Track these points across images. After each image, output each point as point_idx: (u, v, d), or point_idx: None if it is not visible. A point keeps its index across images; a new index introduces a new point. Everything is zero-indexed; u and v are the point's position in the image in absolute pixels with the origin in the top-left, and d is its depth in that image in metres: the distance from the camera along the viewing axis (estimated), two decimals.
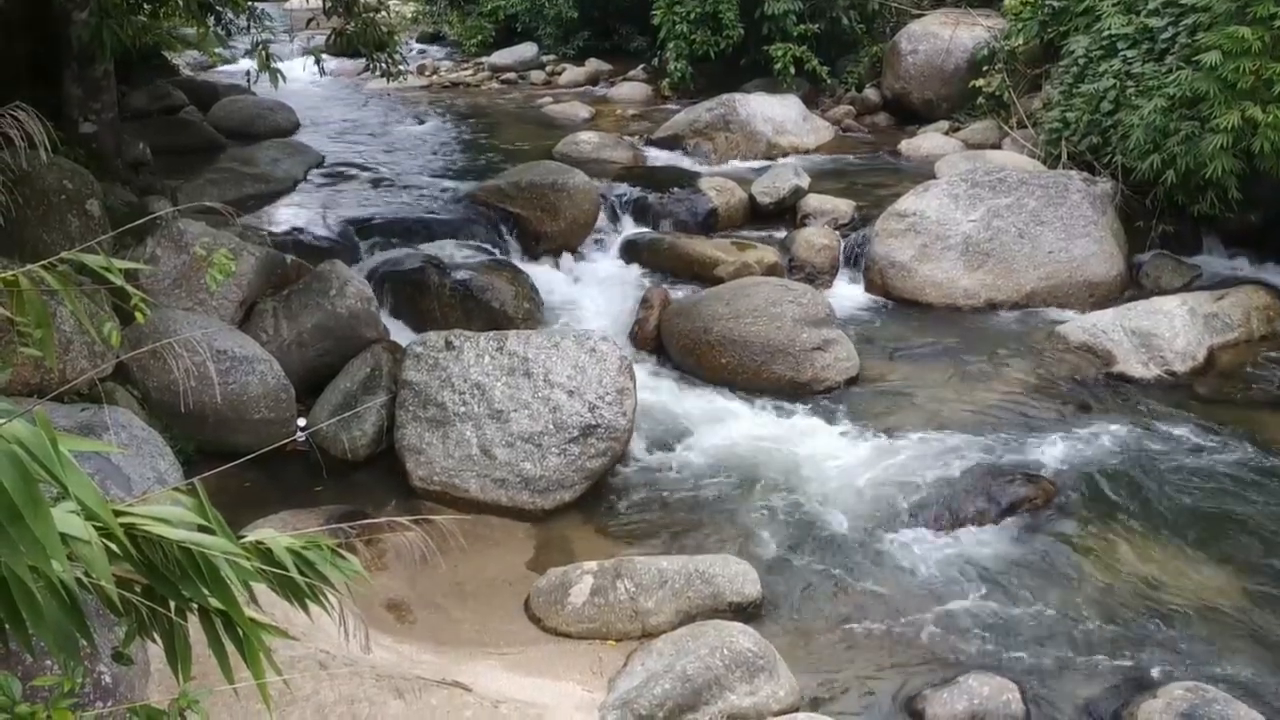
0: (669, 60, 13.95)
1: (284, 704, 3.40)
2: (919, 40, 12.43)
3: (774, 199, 9.22)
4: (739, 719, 3.82)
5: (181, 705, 1.91)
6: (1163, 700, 3.85)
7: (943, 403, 6.38)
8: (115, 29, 6.27)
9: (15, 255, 4.69)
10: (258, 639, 1.70)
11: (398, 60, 8.20)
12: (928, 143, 11.26)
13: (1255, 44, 7.00)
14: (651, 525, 5.28)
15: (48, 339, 1.83)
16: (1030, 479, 5.45)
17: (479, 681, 3.92)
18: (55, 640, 1.51)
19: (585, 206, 8.43)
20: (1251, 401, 6.48)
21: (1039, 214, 8.07)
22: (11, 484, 1.34)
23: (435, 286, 7.10)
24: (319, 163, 10.42)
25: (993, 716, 3.90)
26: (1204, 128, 7.45)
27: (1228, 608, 4.57)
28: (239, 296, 6.15)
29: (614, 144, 11.15)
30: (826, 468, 5.67)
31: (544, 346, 5.68)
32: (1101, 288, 7.96)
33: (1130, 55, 8.74)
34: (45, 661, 2.62)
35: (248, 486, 5.30)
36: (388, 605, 4.57)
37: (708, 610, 4.44)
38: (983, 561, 4.90)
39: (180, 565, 1.59)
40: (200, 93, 12.18)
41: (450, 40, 20.32)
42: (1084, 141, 9.04)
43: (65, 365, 4.95)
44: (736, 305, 6.76)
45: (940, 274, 7.95)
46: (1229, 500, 5.34)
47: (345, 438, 5.71)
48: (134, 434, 4.68)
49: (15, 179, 4.92)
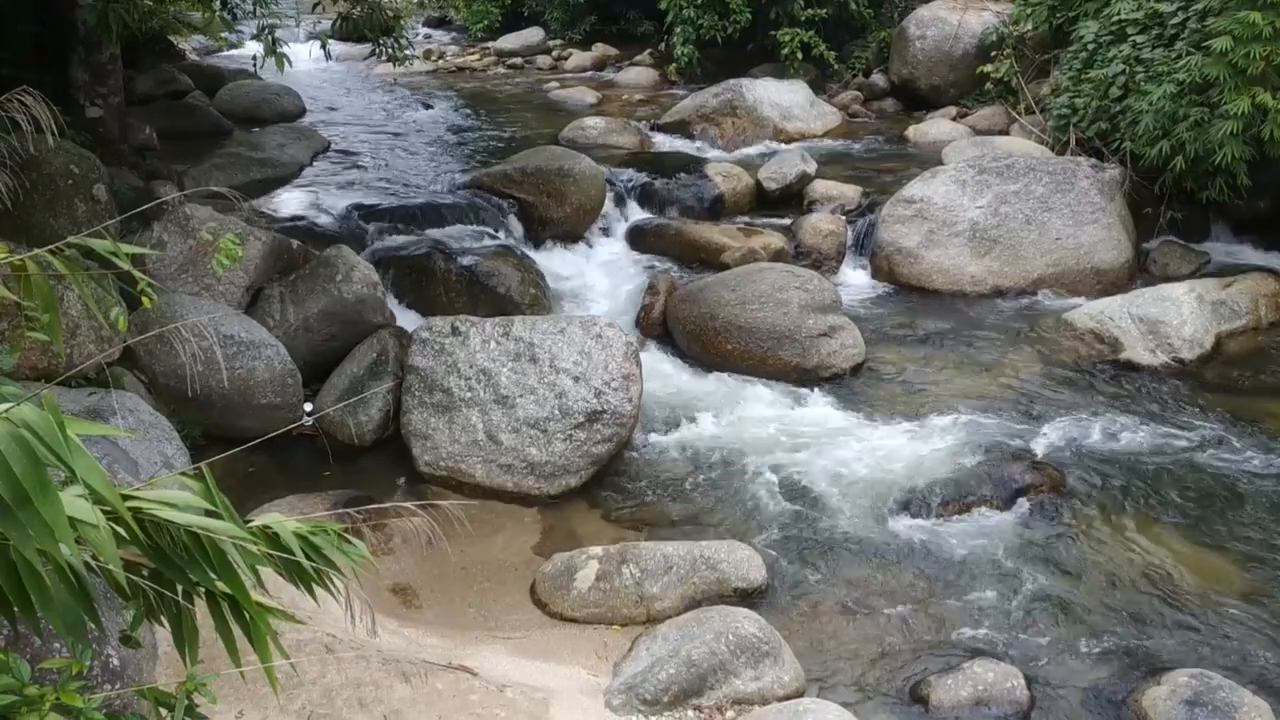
0: (676, 45, 13.90)
1: (291, 687, 3.42)
2: (927, 25, 12.37)
3: (781, 185, 9.20)
4: (744, 704, 3.83)
5: (189, 688, 1.93)
6: (1167, 687, 3.86)
7: (949, 389, 6.38)
8: (121, 13, 6.25)
9: (22, 240, 4.68)
10: (264, 623, 1.71)
11: (404, 45, 8.17)
12: (935, 128, 11.21)
13: (1266, 29, 6.95)
14: (657, 511, 5.30)
15: (55, 324, 1.84)
16: (1036, 466, 5.45)
17: (484, 665, 3.94)
18: (63, 623, 1.52)
19: (591, 192, 8.41)
20: (1259, 389, 6.46)
21: (1047, 200, 8.04)
22: (20, 468, 1.35)
23: (441, 272, 7.10)
24: (325, 148, 10.40)
25: (997, 702, 3.91)
26: (1213, 114, 7.40)
27: (1233, 595, 4.57)
28: (245, 281, 6.16)
29: (620, 129, 11.12)
30: (832, 454, 5.68)
31: (550, 332, 5.69)
32: (1109, 274, 7.93)
33: (1140, 40, 8.69)
34: (54, 644, 2.64)
35: (254, 471, 5.33)
36: (394, 589, 4.60)
37: (713, 595, 4.46)
38: (988, 548, 4.90)
39: (187, 549, 1.59)
40: (206, 77, 12.17)
41: (456, 25, 20.28)
42: (1092, 127, 8.99)
43: (73, 350, 4.97)
44: (743, 291, 6.74)
45: (947, 260, 7.93)
46: (1235, 488, 5.34)
47: (352, 423, 5.73)
48: (141, 418, 4.70)
49: (22, 163, 4.91)
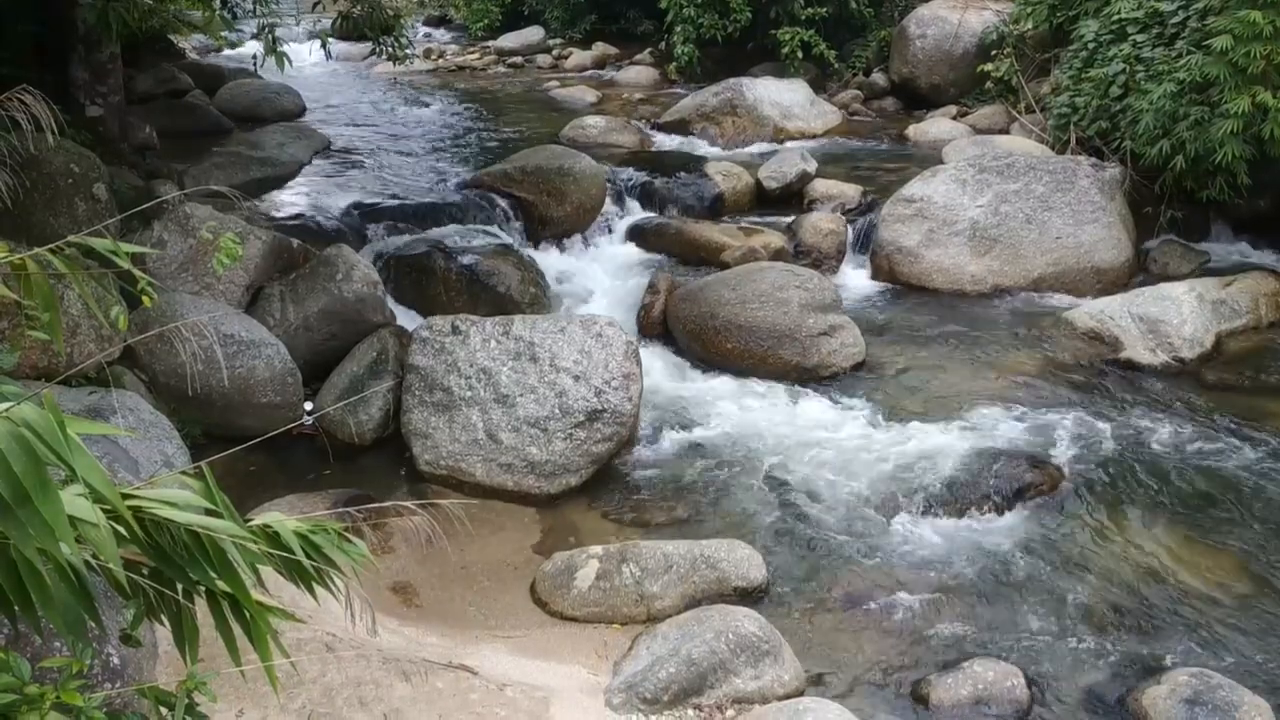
0: (676, 44, 13.89)
1: (291, 686, 3.42)
2: (927, 24, 12.37)
3: (781, 184, 9.19)
4: (744, 703, 3.83)
5: (189, 687, 1.93)
6: (1167, 686, 3.86)
7: (949, 389, 6.38)
8: (121, 12, 6.25)
9: (22, 239, 4.68)
10: (265, 622, 1.71)
11: (404, 44, 8.18)
12: (935, 128, 11.21)
13: (1266, 28, 6.94)
14: (657, 510, 5.29)
15: (55, 323, 1.84)
16: (1037, 465, 5.45)
17: (485, 664, 3.94)
18: (64, 622, 1.52)
19: (591, 191, 8.41)
20: (1260, 388, 6.45)
21: (1047, 199, 8.03)
22: (20, 467, 1.35)
23: (441, 271, 7.10)
24: (325, 146, 10.40)
25: (997, 701, 3.91)
26: (1214, 113, 7.40)
27: (1233, 595, 4.57)
28: (246, 280, 6.16)
29: (620, 128, 11.12)
30: (832, 453, 5.68)
31: (550, 331, 5.69)
32: (1109, 274, 7.93)
33: (1140, 40, 8.68)
34: (54, 643, 2.64)
35: (254, 470, 5.33)
36: (394, 588, 4.60)
37: (713, 594, 4.46)
38: (989, 547, 4.91)
39: (188, 548, 1.59)
40: (206, 76, 12.17)
41: (456, 24, 20.28)
42: (1093, 127, 8.99)
43: (73, 349, 4.97)
44: (743, 290, 6.74)
45: (947, 259, 7.93)
46: (1236, 488, 5.33)
47: (352, 422, 5.73)
48: (141, 417, 4.70)
49: (22, 162, 4.91)
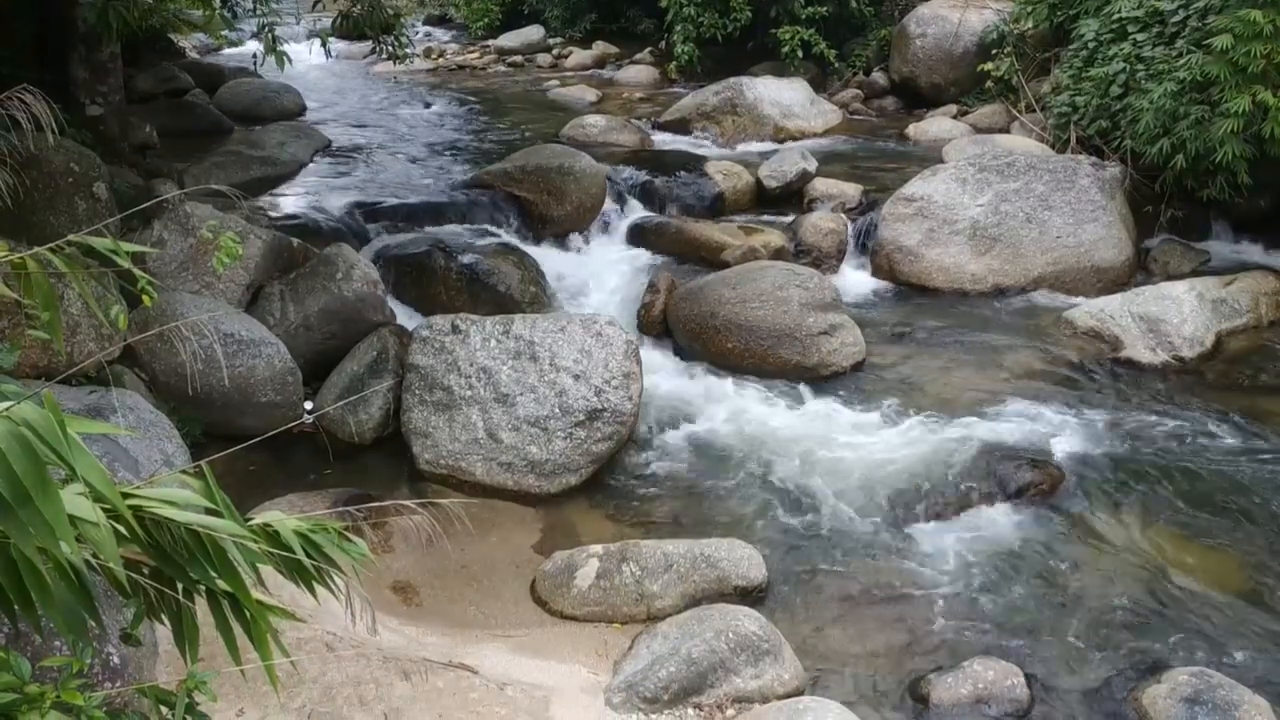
0: (676, 43, 13.89)
1: (291, 685, 3.42)
2: (927, 23, 12.37)
3: (781, 183, 9.19)
4: (744, 702, 3.83)
5: (189, 686, 1.92)
6: (1167, 685, 3.86)
7: (949, 388, 6.38)
8: (122, 11, 6.25)
9: (22, 238, 4.68)
10: (265, 621, 1.71)
11: (404, 43, 8.18)
12: (935, 127, 11.21)
13: (1267, 27, 6.94)
14: (657, 509, 5.30)
15: (55, 322, 1.84)
16: (1036, 464, 5.45)
17: (485, 663, 3.94)
18: (64, 621, 1.52)
19: (592, 190, 8.40)
20: (1260, 387, 6.45)
21: (1047, 199, 8.03)
22: (20, 466, 1.35)
23: (441, 270, 7.09)
24: (325, 146, 10.40)
25: (997, 701, 3.91)
26: (1214, 112, 7.40)
27: (1234, 594, 4.57)
28: (246, 280, 6.16)
29: (621, 127, 11.11)
30: (832, 452, 5.67)
31: (550, 330, 5.69)
32: (1109, 273, 7.93)
33: (1140, 39, 8.68)
34: (54, 642, 2.64)
35: (255, 469, 5.33)
36: (394, 588, 4.60)
37: (713, 594, 4.46)
38: (989, 546, 4.90)
39: (188, 547, 1.59)
40: (206, 75, 12.18)
41: (457, 23, 20.28)
42: (1093, 126, 8.99)
43: (73, 348, 4.97)
44: (743, 290, 6.74)
45: (947, 259, 7.93)
46: (1236, 487, 5.33)
47: (352, 421, 5.73)
48: (142, 416, 4.70)
49: (22, 161, 4.91)
